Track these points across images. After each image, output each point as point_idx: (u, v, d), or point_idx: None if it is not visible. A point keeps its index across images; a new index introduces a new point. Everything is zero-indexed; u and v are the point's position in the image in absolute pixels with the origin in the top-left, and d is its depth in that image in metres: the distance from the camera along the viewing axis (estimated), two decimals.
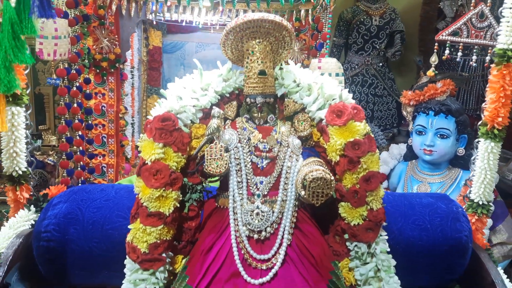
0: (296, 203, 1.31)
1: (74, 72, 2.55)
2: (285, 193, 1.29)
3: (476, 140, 1.68)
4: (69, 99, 2.57)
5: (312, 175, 1.18)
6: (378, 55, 3.51)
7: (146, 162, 1.26)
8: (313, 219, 1.37)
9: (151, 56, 4.07)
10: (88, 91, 2.89)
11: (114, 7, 2.70)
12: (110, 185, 1.66)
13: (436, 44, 1.86)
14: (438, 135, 2.32)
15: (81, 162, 2.81)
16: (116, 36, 2.90)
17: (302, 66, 1.47)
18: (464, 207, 1.71)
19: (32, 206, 1.65)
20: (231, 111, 1.38)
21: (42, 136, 3.86)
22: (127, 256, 1.29)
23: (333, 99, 1.33)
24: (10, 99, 1.50)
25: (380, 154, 2.75)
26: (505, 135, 1.59)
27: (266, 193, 1.28)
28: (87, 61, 2.78)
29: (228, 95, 1.39)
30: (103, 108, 3.07)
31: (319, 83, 1.34)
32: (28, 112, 1.64)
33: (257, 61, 1.29)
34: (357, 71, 3.52)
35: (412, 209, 1.60)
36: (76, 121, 2.66)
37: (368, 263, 1.30)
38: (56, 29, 2.24)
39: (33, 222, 1.60)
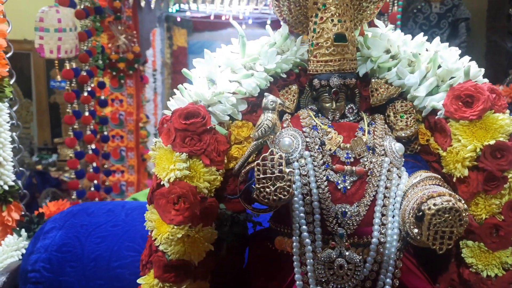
0: (402, 246, 0.87)
1: (85, 74, 2.14)
2: (383, 231, 0.85)
3: None
4: (79, 106, 2.15)
5: (435, 205, 0.72)
6: None
7: (162, 183, 0.83)
8: (421, 268, 0.92)
9: (176, 58, 3.77)
10: (103, 97, 2.49)
11: None
12: (120, 203, 1.31)
13: None
14: None
15: (96, 181, 2.39)
16: (135, 32, 2.54)
17: None
18: None
19: (23, 230, 1.27)
20: (290, 99, 0.94)
21: (58, 150, 3.56)
22: None
23: (453, 77, 0.89)
24: None
25: None
26: None
27: (353, 231, 0.85)
28: (101, 62, 2.39)
29: (284, 76, 0.96)
30: (120, 116, 2.70)
31: (429, 52, 0.90)
32: (14, 108, 1.30)
33: (332, 20, 0.85)
34: None
35: None
36: (88, 132, 2.26)
37: None
38: (59, 20, 1.85)
39: (24, 252, 1.24)
